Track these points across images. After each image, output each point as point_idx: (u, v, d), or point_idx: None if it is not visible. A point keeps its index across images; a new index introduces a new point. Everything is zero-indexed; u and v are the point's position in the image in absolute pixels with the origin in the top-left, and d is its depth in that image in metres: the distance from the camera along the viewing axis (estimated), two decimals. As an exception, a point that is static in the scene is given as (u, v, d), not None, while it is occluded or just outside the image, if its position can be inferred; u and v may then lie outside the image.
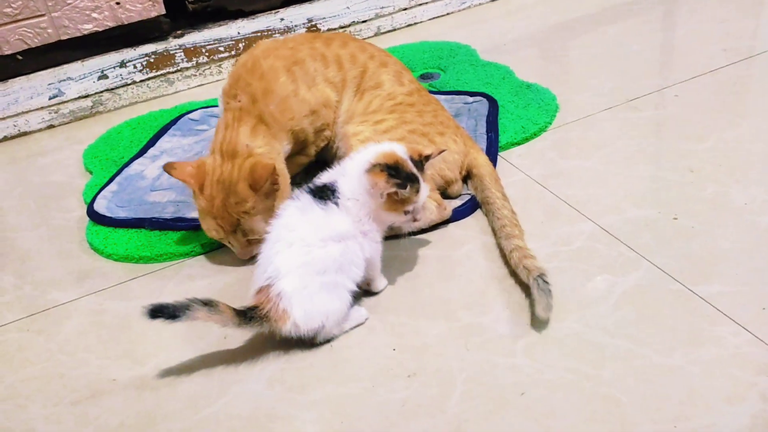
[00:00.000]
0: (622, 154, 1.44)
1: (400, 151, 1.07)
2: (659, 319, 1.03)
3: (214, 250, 1.32)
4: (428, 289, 1.15)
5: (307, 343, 1.05)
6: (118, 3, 1.88)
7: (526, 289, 1.11)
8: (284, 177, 1.26)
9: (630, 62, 1.83)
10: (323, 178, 1.09)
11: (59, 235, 1.44)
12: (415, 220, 1.10)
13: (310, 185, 1.08)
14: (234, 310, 0.99)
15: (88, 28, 1.88)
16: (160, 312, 0.95)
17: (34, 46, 1.85)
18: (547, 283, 1.05)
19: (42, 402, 1.04)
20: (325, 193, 1.04)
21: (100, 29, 1.90)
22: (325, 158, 1.41)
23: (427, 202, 1.27)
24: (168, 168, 1.24)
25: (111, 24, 1.90)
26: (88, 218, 1.45)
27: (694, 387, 0.92)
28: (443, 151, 1.14)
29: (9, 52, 1.83)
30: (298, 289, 0.99)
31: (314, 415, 0.96)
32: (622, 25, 2.06)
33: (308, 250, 1.00)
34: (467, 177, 1.36)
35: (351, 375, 1.01)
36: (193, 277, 1.26)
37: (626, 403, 0.91)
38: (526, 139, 1.53)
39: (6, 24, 1.79)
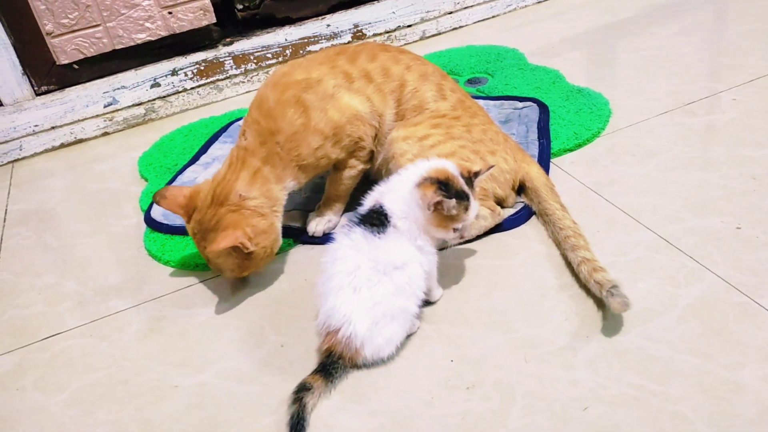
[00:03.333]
0: (680, 161, 1.40)
1: (450, 167, 1.06)
2: (726, 333, 1.00)
3: (268, 257, 1.33)
4: (483, 299, 1.15)
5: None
6: (170, 13, 1.92)
7: (589, 300, 1.09)
8: (266, 233, 1.20)
9: (683, 64, 1.79)
10: (367, 202, 1.07)
11: (118, 242, 1.48)
12: (462, 237, 1.09)
13: (357, 215, 1.06)
14: (321, 376, 0.99)
15: (141, 37, 1.92)
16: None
17: (89, 56, 1.90)
18: (623, 293, 1.03)
19: (107, 408, 1.06)
20: (375, 219, 1.03)
21: (153, 38, 1.94)
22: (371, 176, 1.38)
23: (481, 209, 1.26)
24: (158, 197, 1.23)
25: (163, 33, 1.94)
26: (145, 225, 1.49)
27: (766, 405, 0.90)
28: (492, 167, 1.11)
29: (66, 62, 1.89)
30: (368, 327, 0.99)
31: (373, 425, 0.96)
32: (672, 25, 2.02)
33: (375, 290, 0.99)
34: (521, 189, 1.35)
35: (409, 386, 1.01)
36: (249, 285, 1.28)
37: (694, 421, 0.89)
38: (579, 146, 1.50)
39: (63, 34, 1.85)
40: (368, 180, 1.35)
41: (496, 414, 0.94)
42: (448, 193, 1.02)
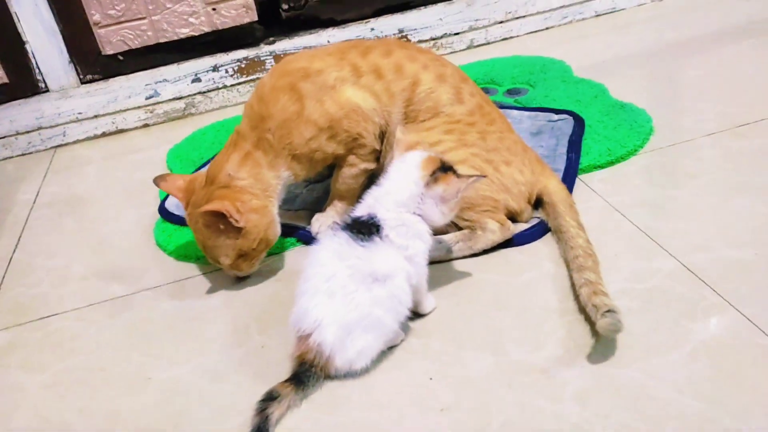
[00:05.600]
0: (721, 186, 1.28)
1: (431, 153, 1.03)
2: (739, 377, 0.89)
3: (271, 255, 1.30)
4: (480, 317, 1.07)
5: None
6: (214, 9, 1.94)
7: (591, 327, 1.00)
8: (259, 212, 1.17)
9: (742, 85, 1.64)
10: (359, 210, 1.02)
11: (132, 230, 1.48)
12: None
13: (346, 220, 1.01)
14: (292, 384, 0.94)
15: (184, 32, 1.95)
16: None
17: (134, 48, 1.94)
18: (616, 316, 0.94)
19: (80, 393, 1.05)
20: (365, 228, 0.97)
21: (196, 34, 1.96)
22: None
23: (489, 222, 1.19)
24: (157, 180, 1.26)
25: (206, 29, 1.96)
26: (159, 215, 1.49)
27: (774, 464, 0.78)
28: (482, 176, 1.04)
29: (111, 53, 1.93)
30: (340, 337, 0.94)
31: (337, 440, 0.90)
32: (738, 46, 1.87)
33: (351, 299, 0.94)
34: (537, 203, 1.26)
35: (382, 401, 0.94)
36: (245, 282, 1.24)
37: (686, 473, 0.78)
38: (611, 163, 1.40)
39: (110, 25, 1.89)
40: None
41: (465, 441, 0.87)
42: (456, 173, 1.01)
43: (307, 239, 1.31)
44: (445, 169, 1.02)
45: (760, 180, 1.28)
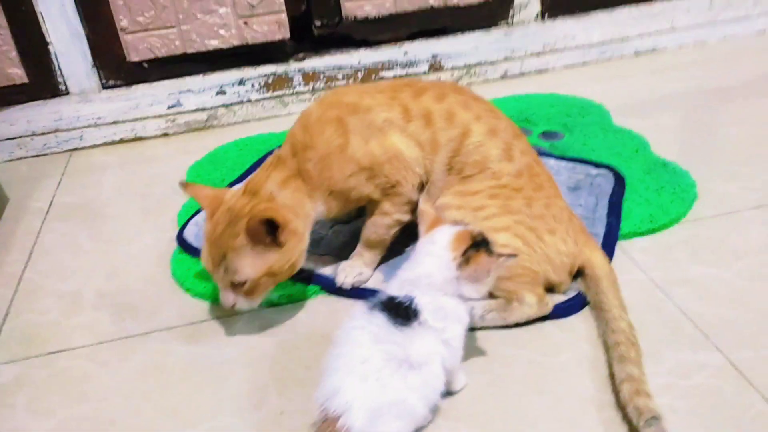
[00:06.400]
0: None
1: (461, 228, 1.00)
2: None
3: (292, 303, 1.24)
4: (512, 402, 1.01)
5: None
6: (246, 23, 1.87)
7: (629, 426, 0.94)
8: (298, 236, 1.13)
9: (791, 151, 1.58)
10: (393, 288, 0.97)
11: (149, 256, 1.43)
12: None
13: (383, 299, 0.95)
14: None
15: (213, 44, 1.89)
16: None
17: (160, 56, 1.88)
18: (661, 425, 0.88)
19: (87, 449, 1.00)
20: (403, 311, 0.92)
21: (224, 46, 1.90)
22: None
23: (527, 296, 1.13)
24: (184, 185, 1.21)
25: (236, 42, 1.90)
26: (176, 243, 1.43)
27: None
28: (513, 256, 0.98)
29: (136, 59, 1.87)
30: (369, 422, 0.88)
31: None
32: (786, 102, 1.81)
33: (385, 383, 0.89)
34: (577, 274, 1.20)
35: (407, 492, 0.89)
36: (265, 328, 1.19)
37: None
38: (653, 231, 1.34)
39: (137, 32, 1.83)
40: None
41: None
42: (487, 245, 0.97)
43: (331, 289, 1.26)
44: (477, 244, 0.97)
45: (809, 266, 1.22)
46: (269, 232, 1.09)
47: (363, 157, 1.17)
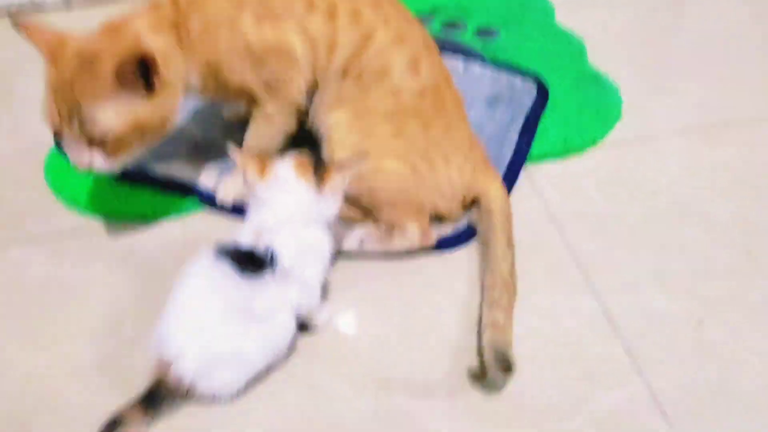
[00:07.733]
0: (675, 211, 1.14)
1: (294, 157, 0.95)
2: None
3: (169, 216, 1.16)
4: (372, 347, 0.97)
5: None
6: None
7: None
8: (171, 88, 1.00)
9: (746, 67, 1.44)
10: (245, 234, 0.90)
11: (21, 157, 1.30)
12: None
13: (230, 249, 0.88)
14: (142, 409, 0.85)
15: None
16: None
17: None
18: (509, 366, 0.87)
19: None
20: (254, 263, 0.86)
21: None
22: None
23: (410, 226, 1.07)
24: (20, 24, 0.98)
25: None
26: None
27: None
28: (363, 158, 0.95)
29: None
30: (204, 369, 0.85)
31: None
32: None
33: (222, 330, 0.85)
34: (472, 203, 1.13)
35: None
36: (133, 246, 1.11)
37: None
38: (565, 154, 1.25)
39: None
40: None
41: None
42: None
43: (212, 204, 1.17)
44: (317, 162, 0.94)
45: (719, 211, 1.15)
46: (141, 74, 0.95)
47: (252, 38, 1.02)
